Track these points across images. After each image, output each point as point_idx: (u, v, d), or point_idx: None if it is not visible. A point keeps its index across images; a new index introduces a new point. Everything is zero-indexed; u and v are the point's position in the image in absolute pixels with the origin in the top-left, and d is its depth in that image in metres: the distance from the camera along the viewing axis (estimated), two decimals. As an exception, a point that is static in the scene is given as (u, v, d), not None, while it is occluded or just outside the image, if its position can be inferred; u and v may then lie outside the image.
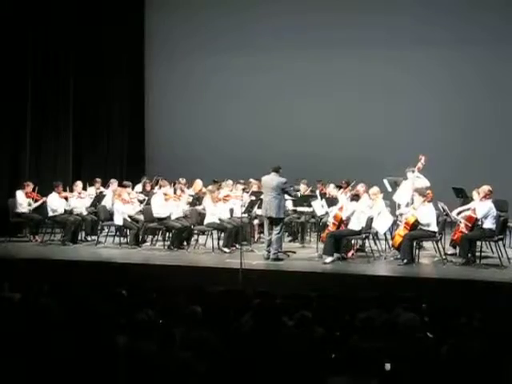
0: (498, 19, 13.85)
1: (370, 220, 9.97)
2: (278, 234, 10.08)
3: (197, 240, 11.43)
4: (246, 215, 11.09)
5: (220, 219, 11.05)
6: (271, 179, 10.08)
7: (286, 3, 14.95)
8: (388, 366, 4.27)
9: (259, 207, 10.90)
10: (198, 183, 12.67)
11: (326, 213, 10.71)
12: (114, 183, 12.57)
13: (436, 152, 12.34)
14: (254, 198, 11.29)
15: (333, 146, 14.38)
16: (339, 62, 14.67)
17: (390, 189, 11.30)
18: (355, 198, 10.17)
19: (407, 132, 14.28)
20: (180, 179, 12.26)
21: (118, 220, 11.30)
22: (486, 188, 9.67)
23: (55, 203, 11.61)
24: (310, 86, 14.92)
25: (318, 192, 11.62)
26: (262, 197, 10.62)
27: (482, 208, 9.57)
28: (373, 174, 11.25)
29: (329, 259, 9.81)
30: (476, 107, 14.12)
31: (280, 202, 10.03)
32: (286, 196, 10.49)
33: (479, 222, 9.68)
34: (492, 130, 14.02)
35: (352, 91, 14.69)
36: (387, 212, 10.33)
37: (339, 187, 11.41)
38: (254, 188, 11.88)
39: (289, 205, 11.94)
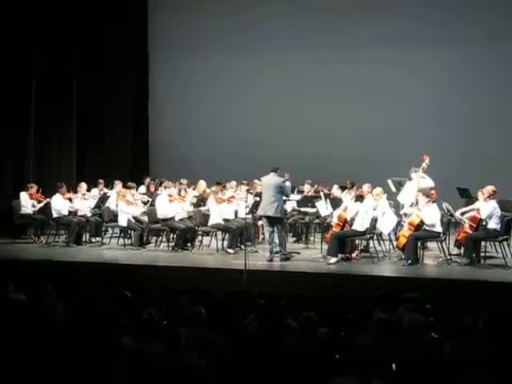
0: (498, 19, 13.85)
1: (375, 221, 9.97)
2: (279, 234, 10.08)
3: (201, 241, 11.41)
4: (251, 216, 11.09)
5: (224, 220, 11.05)
6: (270, 179, 10.12)
7: (288, 4, 15.00)
8: (393, 366, 4.27)
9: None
10: (202, 184, 12.66)
11: (331, 213, 10.71)
12: (118, 184, 12.58)
13: (439, 152, 12.33)
14: (258, 198, 11.28)
15: (336, 146, 14.41)
16: (342, 62, 14.70)
17: (394, 189, 11.30)
18: (359, 198, 10.16)
19: (409, 132, 14.29)
20: (182, 180, 12.25)
21: (122, 221, 11.29)
22: (490, 188, 9.65)
23: (59, 204, 11.61)
24: (312, 87, 14.95)
25: (321, 193, 11.61)
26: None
27: (487, 208, 9.55)
28: (376, 175, 11.25)
29: (333, 260, 9.81)
30: (478, 107, 14.12)
31: (278, 201, 10.02)
32: (287, 198, 10.52)
33: (483, 223, 9.66)
34: (494, 129, 14.02)
35: (354, 92, 14.70)
36: (391, 213, 10.32)
37: (343, 188, 11.42)
38: (258, 189, 11.86)
39: (290, 206, 11.98)
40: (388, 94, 14.55)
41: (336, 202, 10.78)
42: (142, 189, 13.48)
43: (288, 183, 10.65)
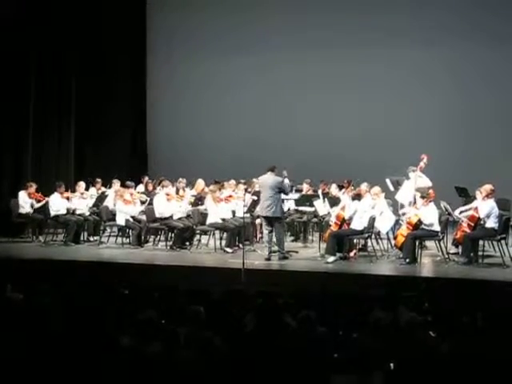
0: (498, 19, 13.83)
1: (373, 219, 9.97)
2: (278, 233, 10.09)
3: (199, 240, 11.43)
4: (248, 215, 11.09)
5: (222, 219, 11.06)
6: (267, 178, 10.12)
7: (287, 4, 14.98)
8: (391, 365, 4.27)
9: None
10: (200, 183, 12.66)
11: (328, 212, 10.72)
12: (116, 183, 12.59)
13: (437, 151, 12.33)
14: (255, 197, 11.29)
15: (335, 145, 14.38)
16: (340, 62, 14.69)
17: (392, 188, 11.30)
18: (357, 197, 10.17)
19: (408, 131, 14.27)
20: (180, 179, 12.24)
21: (120, 220, 11.30)
22: (488, 187, 9.65)
23: (57, 203, 11.60)
24: (311, 86, 14.94)
25: (320, 192, 11.62)
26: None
27: (485, 207, 9.55)
28: (375, 174, 11.24)
29: (331, 259, 9.82)
30: (477, 106, 14.12)
31: (276, 201, 10.03)
32: (286, 196, 10.53)
33: (481, 221, 9.66)
34: (493, 128, 14.01)
35: (353, 91, 14.69)
36: (389, 211, 10.33)
37: (341, 187, 11.42)
38: (257, 188, 11.87)
39: (291, 204, 11.99)
40: (388, 93, 14.54)
41: (334, 201, 10.78)
42: (141, 188, 13.48)
43: (286, 180, 10.66)
